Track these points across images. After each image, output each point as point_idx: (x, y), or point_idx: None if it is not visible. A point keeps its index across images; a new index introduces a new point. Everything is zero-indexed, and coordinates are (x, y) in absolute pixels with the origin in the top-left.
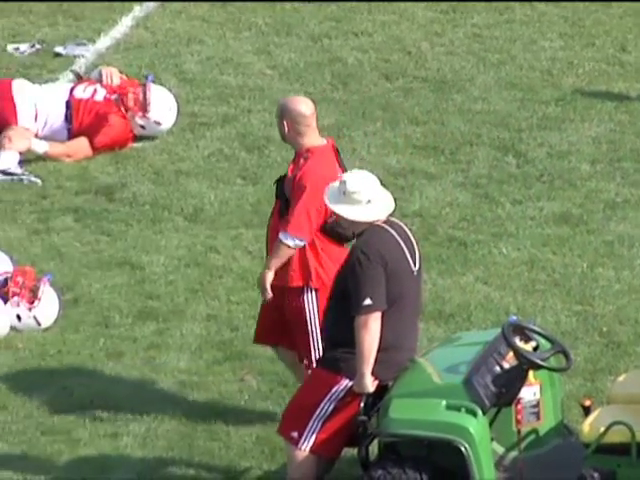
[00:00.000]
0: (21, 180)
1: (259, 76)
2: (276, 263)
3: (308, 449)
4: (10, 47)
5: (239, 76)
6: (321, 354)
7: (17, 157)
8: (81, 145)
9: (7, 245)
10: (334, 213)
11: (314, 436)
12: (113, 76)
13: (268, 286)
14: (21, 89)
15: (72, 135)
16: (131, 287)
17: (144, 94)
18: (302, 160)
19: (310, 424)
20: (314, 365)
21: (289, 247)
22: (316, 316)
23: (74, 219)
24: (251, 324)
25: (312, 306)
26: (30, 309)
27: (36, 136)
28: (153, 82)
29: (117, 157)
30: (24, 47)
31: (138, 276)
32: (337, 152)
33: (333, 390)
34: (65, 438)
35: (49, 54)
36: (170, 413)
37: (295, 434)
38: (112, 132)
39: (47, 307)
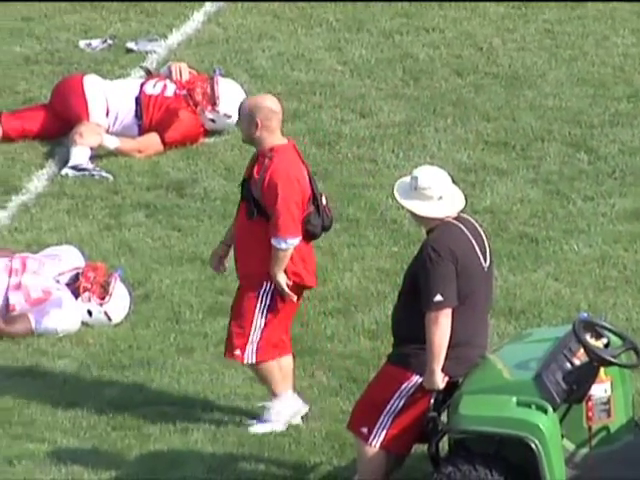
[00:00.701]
0: (92, 176)
1: (330, 72)
2: (279, 269)
3: (378, 445)
4: (82, 43)
5: (310, 72)
6: (391, 350)
7: (88, 153)
8: (152, 141)
9: (78, 240)
10: (405, 209)
11: (384, 432)
12: (182, 71)
13: (286, 288)
14: (92, 85)
15: (143, 131)
16: (202, 283)
17: (212, 87)
18: (267, 160)
19: (380, 420)
20: (245, 359)
21: (286, 250)
22: (266, 311)
23: (145, 214)
24: (321, 320)
25: (266, 299)
26: (101, 304)
27: (107, 132)
28: (221, 75)
29: (188, 152)
30: (96, 43)
31: (209, 272)
32: (299, 152)
33: (403, 386)
34: (135, 433)
35: (121, 50)
36: (241, 408)
37: (365, 430)
38: (182, 127)
39: (118, 302)
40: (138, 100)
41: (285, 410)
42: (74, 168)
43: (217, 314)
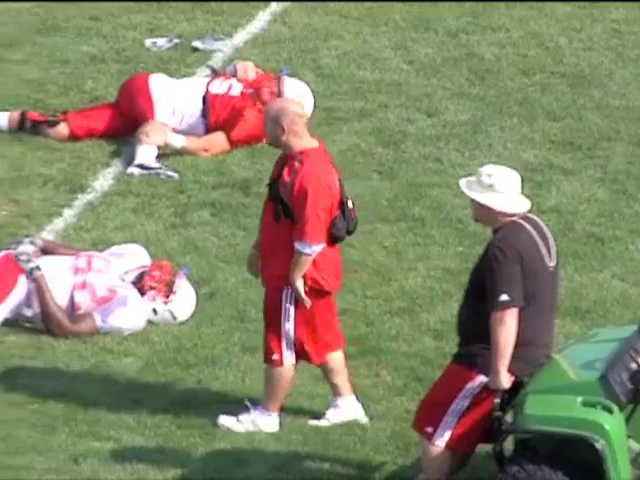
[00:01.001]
0: (158, 174)
1: (396, 71)
2: (299, 274)
3: (443, 444)
4: (148, 42)
5: (376, 71)
6: (457, 350)
7: (155, 151)
8: (218, 139)
9: (144, 239)
10: (478, 204)
11: (449, 431)
12: (248, 70)
13: (304, 295)
14: (159, 84)
15: (208, 130)
16: None
17: (279, 87)
18: (297, 163)
19: (445, 419)
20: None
21: (309, 255)
22: (291, 315)
23: (211, 213)
24: (386, 319)
25: (289, 304)
26: (166, 303)
27: (173, 131)
28: (288, 75)
29: (254, 151)
30: (162, 42)
31: None
32: (329, 156)
33: (468, 386)
34: (200, 432)
35: (187, 49)
36: (305, 407)
37: (430, 429)
38: (248, 127)
39: (183, 301)
40: (204, 99)
41: (341, 414)
42: (140, 167)
43: None
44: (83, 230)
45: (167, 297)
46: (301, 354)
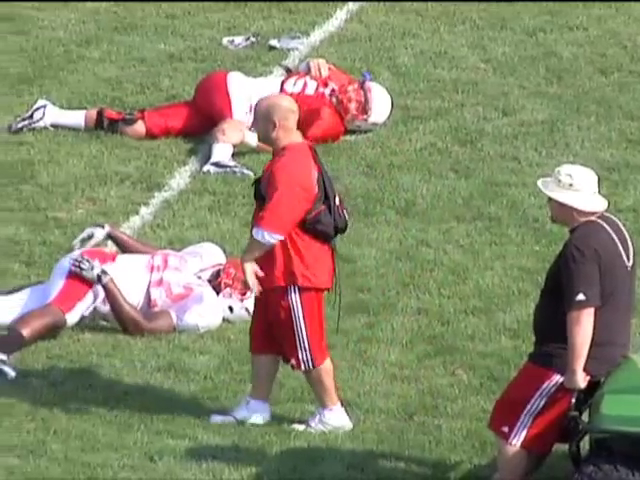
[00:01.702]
0: (234, 173)
1: (473, 70)
2: (251, 257)
3: (519, 444)
4: (225, 40)
5: (453, 70)
6: (533, 349)
7: (230, 150)
8: None
9: (220, 237)
10: (556, 203)
11: (525, 431)
12: (321, 68)
13: (250, 277)
14: (236, 82)
15: None
16: (342, 280)
17: (365, 98)
18: (277, 157)
19: (521, 419)
20: (302, 366)
21: (262, 244)
22: (302, 316)
23: None
24: (462, 318)
25: (297, 305)
26: (242, 300)
27: (249, 129)
28: (370, 80)
29: (329, 149)
30: (239, 40)
31: (349, 269)
32: (314, 152)
33: (544, 385)
34: (276, 430)
35: (263, 47)
36: (380, 406)
37: (506, 429)
38: (324, 125)
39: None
40: None
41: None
42: (216, 165)
43: (357, 311)
44: (159, 228)
45: (243, 295)
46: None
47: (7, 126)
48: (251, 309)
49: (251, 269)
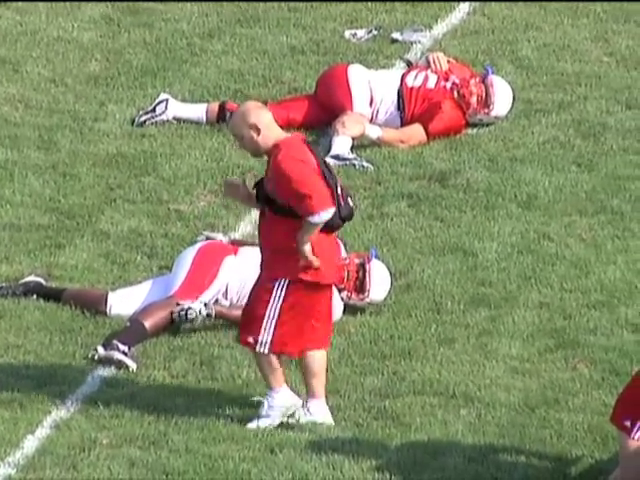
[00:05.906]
0: (354, 165)
1: (596, 63)
2: (308, 239)
3: None
4: (347, 33)
5: (576, 63)
6: None
7: (350, 142)
8: (415, 131)
9: (341, 230)
10: None
11: None
12: (440, 61)
13: (311, 255)
14: (357, 75)
15: (404, 123)
16: (463, 273)
17: (487, 91)
18: (274, 156)
19: None
20: (257, 347)
21: (317, 225)
22: (280, 304)
23: (408, 205)
24: (584, 312)
25: (280, 294)
26: (362, 300)
27: (370, 122)
28: (493, 73)
29: (451, 143)
30: (361, 33)
31: (470, 262)
32: (308, 144)
33: None
34: (396, 423)
35: (385, 40)
36: (501, 400)
37: (628, 423)
38: (446, 119)
39: (378, 286)
40: (400, 92)
41: (280, 404)
42: (336, 157)
43: (479, 305)
44: None
45: (361, 293)
46: (279, 343)
47: (130, 119)
48: (373, 298)
49: (310, 250)
